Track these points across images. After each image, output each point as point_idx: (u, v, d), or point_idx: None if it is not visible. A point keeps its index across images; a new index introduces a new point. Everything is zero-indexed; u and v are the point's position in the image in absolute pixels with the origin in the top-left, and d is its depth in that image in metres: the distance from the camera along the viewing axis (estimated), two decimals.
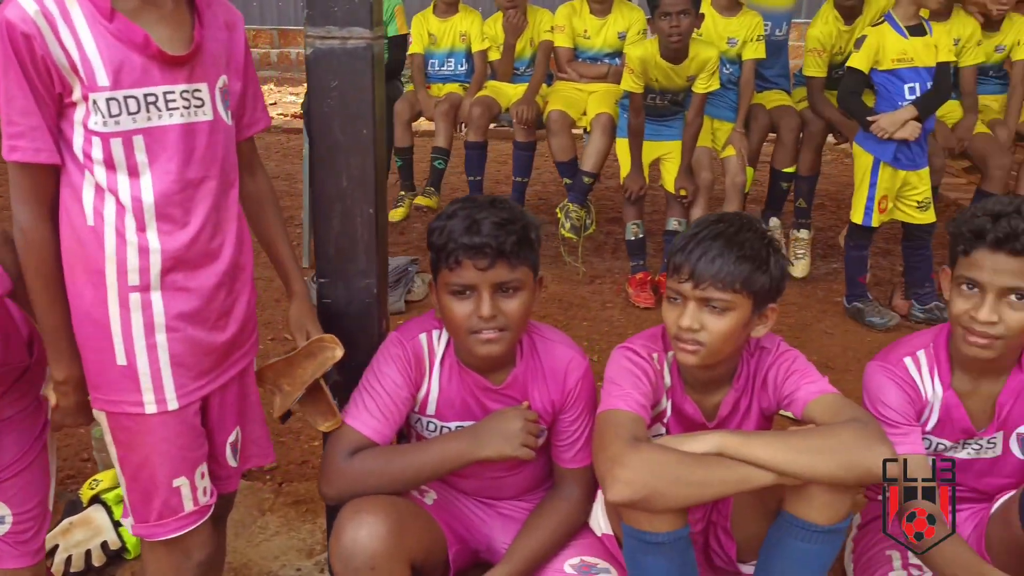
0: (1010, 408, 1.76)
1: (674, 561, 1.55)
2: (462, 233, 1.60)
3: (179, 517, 1.48)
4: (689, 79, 3.61)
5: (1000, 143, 3.74)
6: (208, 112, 1.41)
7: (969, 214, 1.67)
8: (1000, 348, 1.65)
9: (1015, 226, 1.58)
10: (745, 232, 1.62)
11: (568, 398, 1.79)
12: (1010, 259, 1.59)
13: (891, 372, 1.78)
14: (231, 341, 1.50)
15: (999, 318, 1.61)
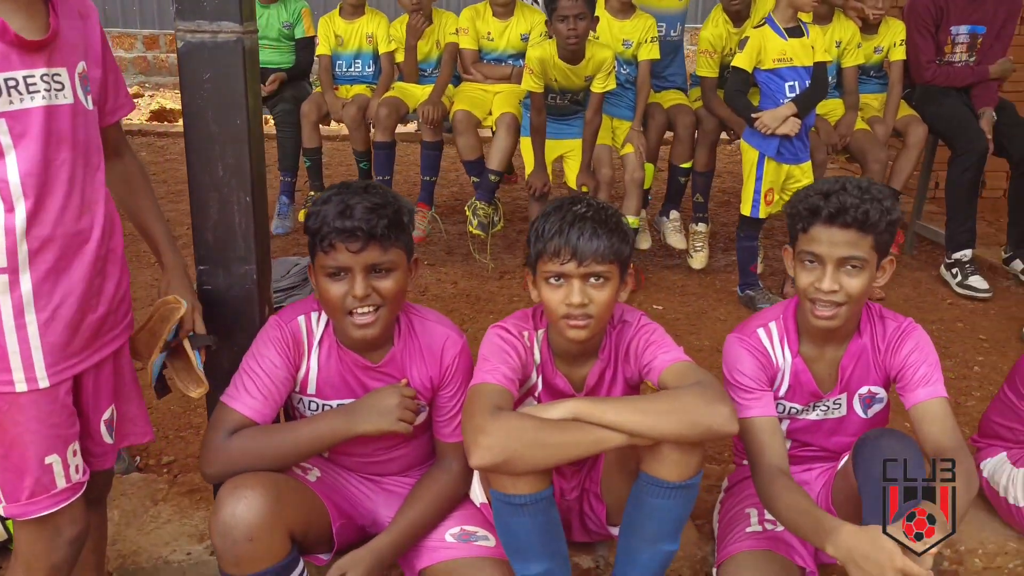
0: (851, 371, 1.93)
1: (538, 520, 1.65)
2: (335, 217, 1.68)
3: (51, 495, 1.51)
4: (587, 79, 3.75)
5: (878, 139, 3.98)
6: (69, 96, 1.45)
7: (803, 195, 1.83)
8: (844, 314, 1.80)
9: (843, 201, 1.74)
10: (601, 210, 1.75)
11: (446, 375, 1.88)
12: (842, 231, 1.75)
13: (746, 342, 1.93)
14: (102, 320, 1.54)
15: (839, 286, 1.77)
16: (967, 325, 3.76)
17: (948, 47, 4.13)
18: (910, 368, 1.84)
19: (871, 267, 1.79)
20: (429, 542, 1.88)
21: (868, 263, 1.77)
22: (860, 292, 1.78)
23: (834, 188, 1.78)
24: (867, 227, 1.75)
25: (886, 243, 1.80)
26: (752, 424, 1.86)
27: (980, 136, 3.96)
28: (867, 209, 1.74)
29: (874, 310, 1.94)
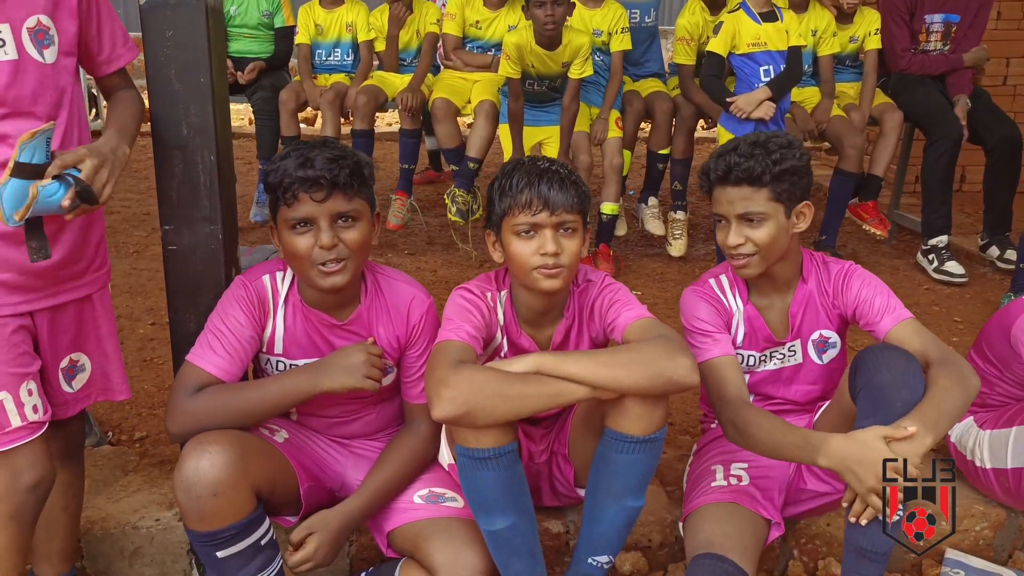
0: (801, 317, 1.97)
1: (501, 474, 1.65)
2: (297, 168, 1.68)
3: (5, 432, 1.52)
4: (564, 65, 3.77)
5: (854, 125, 4.01)
6: (11, 52, 1.46)
7: (707, 162, 1.91)
8: (757, 263, 1.87)
9: (729, 161, 1.83)
10: (561, 166, 1.78)
11: (412, 333, 1.89)
12: (735, 188, 1.84)
13: (700, 291, 2.00)
14: (60, 266, 1.54)
15: (745, 239, 1.84)
16: (943, 308, 3.79)
17: (923, 35, 4.17)
18: (866, 304, 1.88)
19: (775, 217, 1.84)
20: (398, 504, 1.88)
21: (768, 215, 1.83)
22: (768, 241, 1.84)
23: (727, 149, 1.86)
24: (755, 181, 1.82)
25: (788, 192, 1.85)
26: (712, 364, 1.89)
27: (955, 123, 3.99)
28: (750, 166, 1.81)
29: (817, 258, 1.99)
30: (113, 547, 1.99)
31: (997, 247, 4.19)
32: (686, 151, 4.15)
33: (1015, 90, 5.50)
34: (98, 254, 1.64)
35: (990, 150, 4.14)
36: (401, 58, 4.39)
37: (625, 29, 3.96)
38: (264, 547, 1.71)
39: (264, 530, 1.72)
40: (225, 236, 1.82)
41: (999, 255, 4.16)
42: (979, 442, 2.11)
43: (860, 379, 1.73)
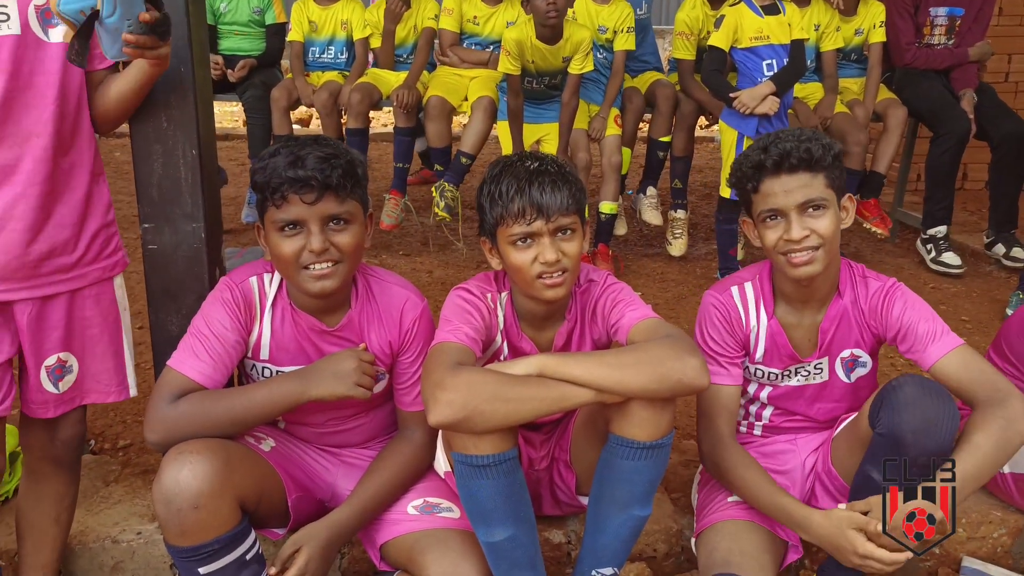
0: (832, 334, 1.85)
1: (501, 482, 1.56)
2: (286, 167, 1.59)
3: None
4: (564, 60, 3.68)
5: (858, 122, 3.93)
6: (15, 27, 1.43)
7: (740, 161, 1.78)
8: (822, 258, 1.72)
9: (783, 147, 1.70)
10: (551, 162, 1.69)
11: (405, 339, 1.80)
12: (792, 176, 1.70)
13: (717, 305, 1.86)
14: (43, 257, 1.50)
15: (809, 231, 1.70)
16: (950, 308, 3.71)
17: (927, 29, 4.11)
18: (909, 329, 1.75)
19: (833, 205, 1.73)
20: (391, 515, 1.79)
21: (828, 201, 1.72)
22: (831, 232, 1.72)
23: (769, 140, 1.73)
24: (814, 165, 1.70)
25: (838, 179, 1.74)
26: (711, 391, 1.81)
27: (962, 117, 3.92)
28: (808, 147, 1.70)
29: (856, 270, 1.86)
30: (92, 562, 1.90)
31: (1003, 244, 4.12)
32: (686, 148, 4.07)
33: (1017, 86, 5.43)
34: (92, 247, 1.59)
35: (996, 146, 4.07)
36: (398, 54, 4.30)
37: (631, 28, 3.87)
38: (249, 562, 1.62)
39: (249, 544, 1.62)
40: (208, 235, 1.74)
41: (1005, 252, 4.10)
42: None
43: (883, 414, 1.62)
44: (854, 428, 1.78)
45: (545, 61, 3.68)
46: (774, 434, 1.98)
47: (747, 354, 1.89)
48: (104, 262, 1.66)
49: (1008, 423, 1.59)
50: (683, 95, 3.99)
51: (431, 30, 4.18)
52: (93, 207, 1.61)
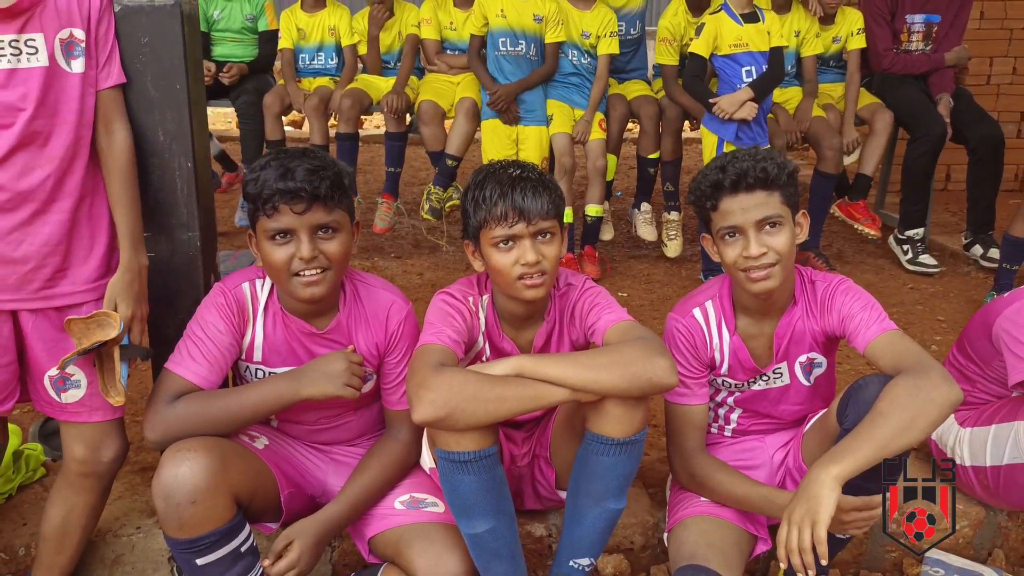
0: (787, 341, 1.92)
1: (482, 477, 1.65)
2: (277, 179, 1.67)
3: None
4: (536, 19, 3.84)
5: (831, 126, 4.03)
6: (43, 59, 1.58)
7: (699, 179, 1.84)
8: (779, 273, 1.79)
9: (740, 167, 1.77)
10: (532, 169, 1.78)
11: (391, 340, 1.88)
12: (749, 195, 1.77)
13: (680, 328, 1.93)
14: (36, 268, 1.63)
15: (767, 247, 1.77)
16: (927, 308, 3.81)
17: (904, 35, 4.21)
18: (849, 320, 1.83)
19: (788, 222, 1.80)
20: (378, 510, 1.87)
21: (784, 218, 1.79)
22: (787, 248, 1.79)
23: (726, 160, 1.80)
24: (770, 184, 1.77)
25: (792, 196, 1.81)
26: (678, 409, 1.90)
27: (938, 120, 4.02)
28: (764, 166, 1.77)
29: (805, 275, 1.93)
30: (94, 555, 1.98)
31: (980, 246, 4.22)
32: (675, 152, 4.14)
33: (998, 89, 5.54)
34: (101, 267, 1.71)
35: (972, 149, 4.17)
36: (384, 60, 4.39)
37: (614, 33, 3.96)
38: (244, 554, 1.70)
39: (244, 537, 1.71)
40: (203, 243, 1.82)
41: (983, 254, 4.19)
42: (960, 440, 2.12)
43: (850, 410, 1.70)
44: (823, 424, 1.87)
45: (518, 15, 3.81)
46: (743, 435, 2.07)
47: (712, 368, 1.97)
48: (100, 283, 1.75)
49: (918, 389, 1.60)
50: (668, 100, 4.08)
51: (415, 36, 4.26)
52: (103, 223, 1.73)
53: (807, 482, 1.59)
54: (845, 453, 1.58)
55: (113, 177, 1.70)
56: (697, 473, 1.90)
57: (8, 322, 1.69)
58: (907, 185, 4.16)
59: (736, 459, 2.00)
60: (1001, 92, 5.57)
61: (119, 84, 1.70)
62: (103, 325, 1.62)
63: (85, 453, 1.67)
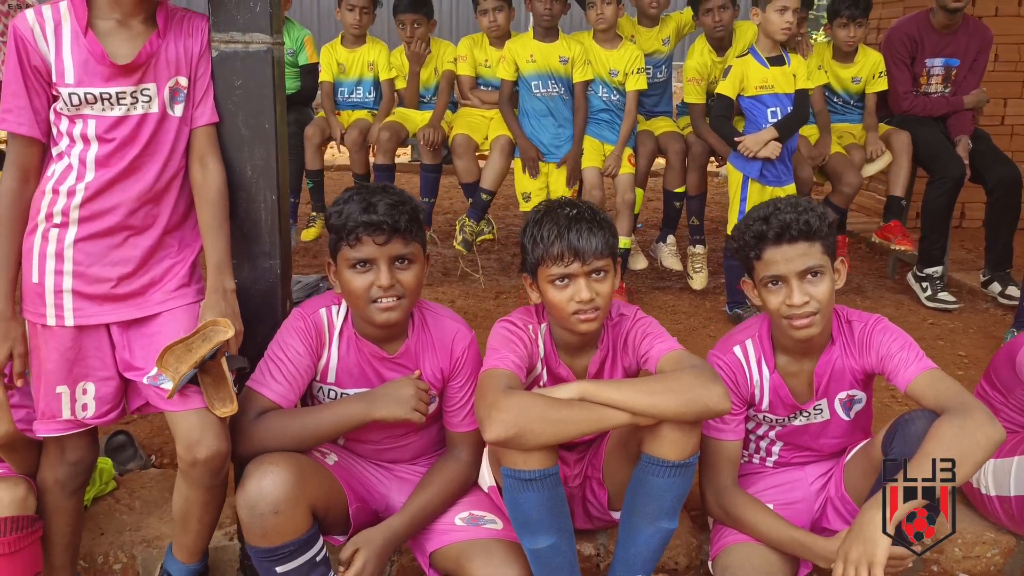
0: (827, 379, 2.02)
1: (544, 494, 1.75)
2: (361, 212, 1.81)
3: (58, 420, 1.81)
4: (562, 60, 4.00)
5: (853, 164, 4.15)
6: (155, 107, 1.79)
7: (743, 228, 1.95)
8: (820, 321, 1.90)
9: (784, 219, 1.87)
10: (587, 208, 1.89)
11: (456, 366, 2.00)
12: (792, 246, 1.87)
13: (723, 362, 2.04)
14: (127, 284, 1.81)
15: (809, 297, 1.88)
16: (947, 343, 3.90)
17: (924, 78, 4.34)
18: (888, 358, 1.92)
19: (829, 271, 1.90)
20: (439, 525, 1.98)
21: (825, 268, 1.89)
22: (828, 296, 1.89)
23: (769, 211, 1.90)
24: (812, 235, 1.87)
25: (832, 245, 1.91)
26: (714, 444, 1.99)
27: (957, 162, 4.14)
28: (807, 219, 1.87)
29: (842, 315, 2.02)
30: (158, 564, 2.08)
31: (999, 283, 4.32)
32: (700, 187, 4.27)
33: (1013, 130, 5.67)
34: (186, 275, 1.89)
35: (991, 190, 4.28)
36: (421, 95, 4.54)
37: (641, 70, 4.10)
38: (319, 563, 1.81)
39: (319, 547, 1.82)
40: (282, 271, 1.94)
41: (1001, 291, 4.29)
42: (984, 470, 2.20)
43: (896, 444, 1.80)
44: (866, 457, 1.97)
45: (544, 60, 3.98)
46: (784, 467, 2.16)
47: (752, 405, 2.07)
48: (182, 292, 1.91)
49: (963, 431, 1.69)
50: (695, 137, 4.22)
51: (451, 72, 4.41)
52: (193, 245, 1.92)
53: (862, 523, 1.69)
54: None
55: (205, 208, 1.83)
56: (730, 510, 1.99)
57: (105, 338, 1.83)
58: (926, 225, 4.27)
59: (776, 488, 2.10)
60: (1016, 132, 5.70)
61: (212, 123, 1.84)
62: (208, 338, 1.72)
63: (182, 449, 1.77)
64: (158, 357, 1.69)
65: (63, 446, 1.87)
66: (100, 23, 1.74)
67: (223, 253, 1.84)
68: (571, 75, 4.05)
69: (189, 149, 1.85)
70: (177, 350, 1.71)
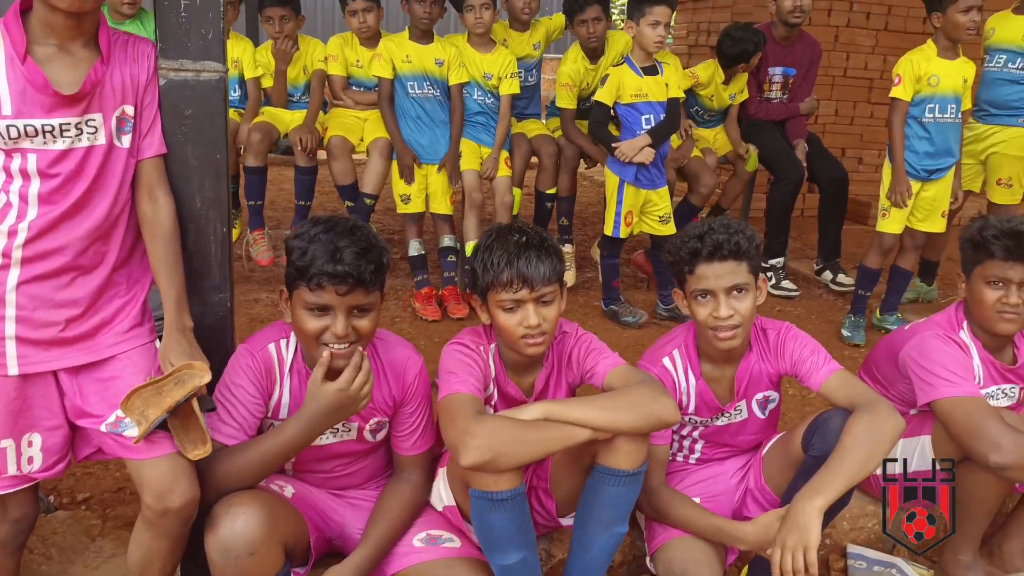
0: (746, 383, 2.23)
1: (514, 513, 1.83)
2: (326, 260, 1.75)
3: (3, 477, 1.70)
4: (437, 63, 4.05)
5: (709, 167, 4.51)
6: (102, 138, 1.65)
7: (679, 242, 2.12)
8: (742, 333, 2.09)
9: (716, 239, 2.05)
10: (536, 234, 1.97)
11: (408, 392, 2.02)
12: (722, 264, 2.06)
13: (653, 372, 2.17)
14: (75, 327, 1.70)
15: (734, 311, 2.06)
16: None
17: (767, 86, 4.74)
18: (801, 364, 2.15)
19: (753, 288, 2.09)
20: (399, 548, 2.00)
21: (750, 285, 2.08)
22: (750, 311, 2.08)
23: (704, 230, 2.08)
24: (740, 255, 2.06)
25: (756, 265, 2.12)
26: (650, 449, 2.09)
27: (797, 165, 4.58)
28: (737, 240, 2.05)
29: (758, 324, 2.23)
30: None
31: (830, 271, 4.83)
32: (571, 189, 4.45)
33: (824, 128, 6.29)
34: (138, 316, 1.78)
35: (823, 188, 4.78)
36: (290, 93, 4.41)
37: (514, 74, 4.20)
38: None
39: None
40: (231, 304, 1.88)
41: (832, 278, 4.80)
42: None
43: (816, 440, 2.01)
44: (783, 451, 2.19)
45: (420, 60, 4.02)
46: (706, 463, 2.36)
47: (680, 408, 2.21)
48: (133, 335, 1.80)
49: (872, 425, 1.90)
50: (565, 141, 4.38)
51: (322, 72, 4.31)
52: (142, 281, 1.82)
53: (795, 513, 1.89)
54: (824, 486, 1.89)
55: (157, 243, 1.74)
56: (660, 507, 2.16)
57: (52, 385, 1.71)
58: (771, 221, 4.70)
59: (701, 484, 2.29)
60: (826, 131, 6.33)
61: (160, 154, 1.75)
62: (183, 382, 1.65)
63: (151, 499, 1.67)
64: (123, 401, 1.61)
65: (5, 504, 1.74)
66: (38, 49, 1.60)
67: (180, 290, 1.75)
68: (446, 77, 4.09)
69: (136, 182, 1.74)
70: (145, 393, 1.63)
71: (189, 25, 1.70)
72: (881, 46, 6.34)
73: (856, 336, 4.07)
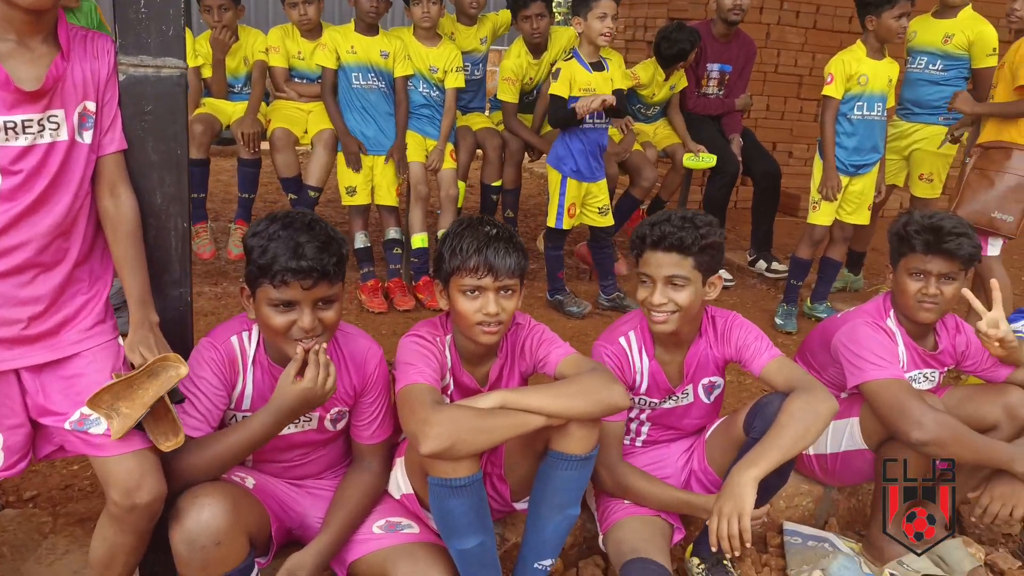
0: (694, 367, 2.34)
1: (472, 499, 1.89)
2: (289, 257, 1.77)
3: None
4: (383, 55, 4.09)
5: (649, 160, 4.63)
6: (64, 134, 1.63)
7: (638, 228, 2.22)
8: (675, 320, 2.19)
9: (664, 230, 2.15)
10: (505, 230, 2.04)
11: (368, 381, 2.07)
12: (665, 254, 2.16)
13: (610, 351, 2.29)
14: (38, 324, 1.69)
15: (668, 299, 2.17)
16: None
17: (704, 81, 4.89)
18: (745, 350, 2.27)
19: (695, 283, 2.18)
20: (358, 535, 2.05)
21: (691, 280, 2.17)
22: (688, 303, 2.17)
23: (660, 219, 2.18)
24: (684, 250, 2.15)
25: (707, 263, 2.20)
26: (606, 427, 2.20)
27: (733, 160, 4.74)
28: (682, 236, 2.14)
29: (709, 313, 2.34)
30: None
31: (764, 260, 5.02)
32: (516, 181, 4.52)
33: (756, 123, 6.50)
34: (101, 312, 1.77)
35: (757, 181, 4.96)
36: (230, 84, 4.36)
37: (459, 68, 4.24)
38: None
39: (255, 573, 1.83)
40: (191, 299, 1.89)
41: (767, 267, 4.99)
42: None
43: (757, 423, 2.13)
44: (727, 434, 2.30)
45: (365, 52, 4.05)
46: (652, 445, 2.47)
47: (632, 389, 2.34)
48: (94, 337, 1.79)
49: (808, 404, 2.02)
50: (509, 134, 4.44)
51: (263, 63, 4.28)
52: (104, 277, 1.81)
53: (731, 483, 2.00)
54: (759, 458, 2.01)
55: (120, 239, 1.75)
56: (622, 481, 2.25)
57: (14, 384, 1.70)
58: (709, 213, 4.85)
59: (649, 466, 2.39)
60: (759, 126, 6.54)
61: (121, 150, 1.75)
62: (156, 374, 1.65)
63: (118, 495, 1.67)
64: (90, 398, 1.61)
65: None
66: None
67: (144, 285, 1.76)
68: (392, 69, 4.11)
69: (96, 178, 1.74)
70: (115, 388, 1.63)
71: (149, 21, 1.71)
72: (810, 44, 6.58)
73: (788, 324, 4.25)
